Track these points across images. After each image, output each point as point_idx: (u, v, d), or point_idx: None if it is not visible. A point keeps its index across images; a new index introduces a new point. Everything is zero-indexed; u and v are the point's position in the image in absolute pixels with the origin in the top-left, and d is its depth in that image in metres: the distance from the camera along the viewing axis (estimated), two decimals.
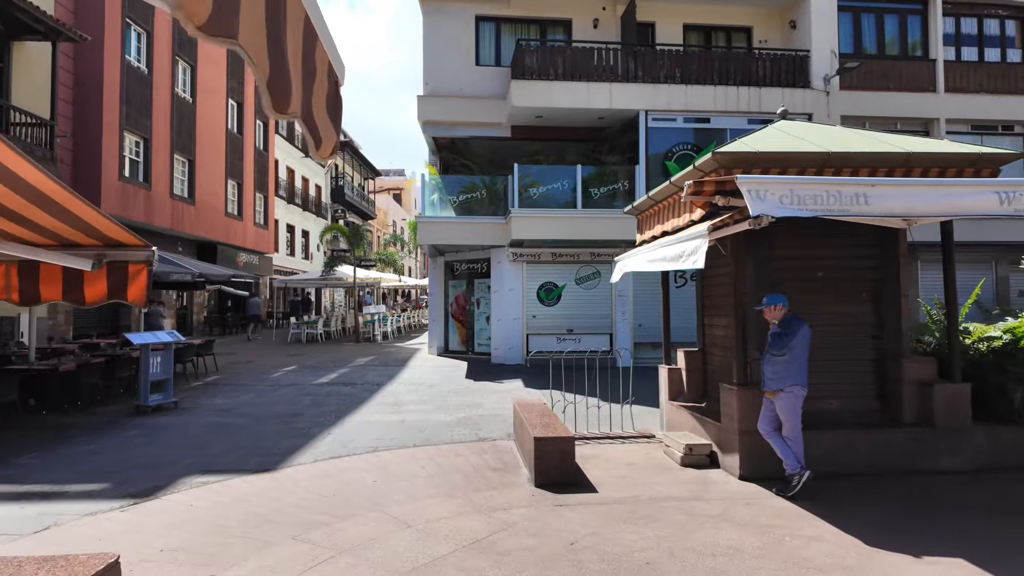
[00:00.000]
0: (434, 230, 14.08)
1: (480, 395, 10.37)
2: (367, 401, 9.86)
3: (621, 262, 6.99)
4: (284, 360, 15.43)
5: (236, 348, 18.52)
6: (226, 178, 22.22)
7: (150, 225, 17.41)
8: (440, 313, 16.10)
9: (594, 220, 13.29)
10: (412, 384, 11.58)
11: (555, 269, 14.39)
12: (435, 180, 14.81)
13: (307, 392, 10.76)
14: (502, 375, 12.68)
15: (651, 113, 13.70)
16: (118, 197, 15.84)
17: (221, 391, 10.91)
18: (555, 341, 14.30)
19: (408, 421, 8.31)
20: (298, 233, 32.61)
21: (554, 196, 13.59)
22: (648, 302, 14.44)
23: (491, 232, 14.17)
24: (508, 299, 14.25)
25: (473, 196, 14.46)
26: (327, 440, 7.25)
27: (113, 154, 15.71)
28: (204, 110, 20.47)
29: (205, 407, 9.49)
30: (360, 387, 11.25)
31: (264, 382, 11.99)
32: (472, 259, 15.46)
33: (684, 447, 5.59)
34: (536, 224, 13.19)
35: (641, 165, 13.55)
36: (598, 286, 14.43)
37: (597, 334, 14.34)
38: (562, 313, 14.33)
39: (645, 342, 14.45)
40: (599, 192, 13.62)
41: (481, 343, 15.32)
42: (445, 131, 14.51)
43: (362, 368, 13.83)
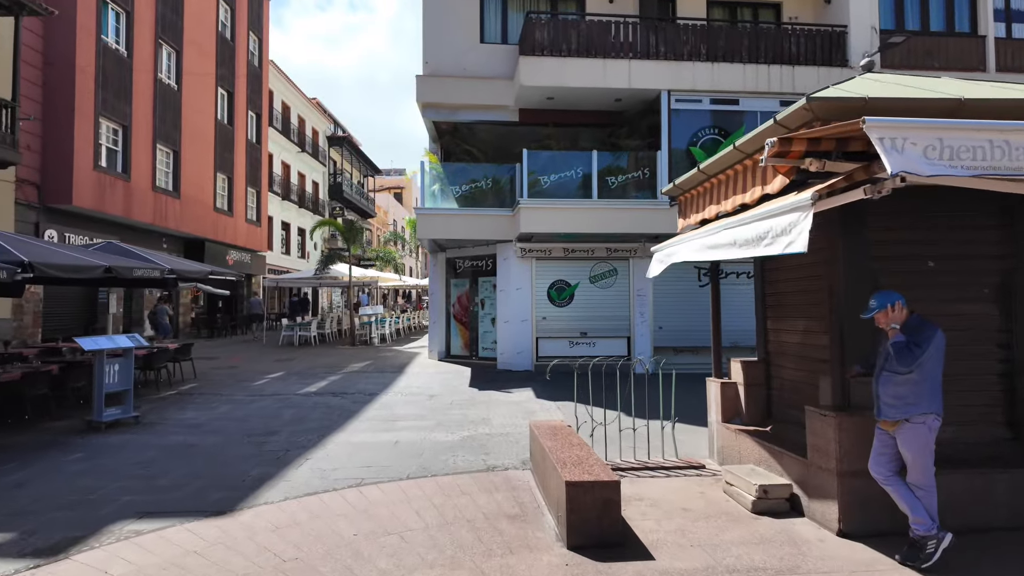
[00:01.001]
0: (435, 223, 12.81)
1: (486, 408, 9.10)
2: (357, 415, 8.59)
3: (663, 252, 5.73)
4: (270, 365, 14.17)
5: (223, 351, 17.27)
6: (215, 171, 20.99)
7: (129, 219, 16.18)
8: (441, 315, 14.84)
9: (611, 212, 12.03)
10: (409, 394, 10.31)
11: (567, 266, 13.12)
12: (436, 169, 13.55)
13: (290, 404, 9.50)
14: (510, 383, 11.41)
15: (674, 93, 12.42)
16: (92, 188, 14.60)
17: (194, 402, 9.65)
18: (567, 345, 13.05)
19: (403, 442, 7.04)
20: (293, 231, 31.37)
21: (567, 186, 12.32)
22: (669, 302, 13.17)
23: (497, 225, 12.91)
24: (515, 299, 12.98)
25: (477, 186, 13.19)
26: (304, 468, 5.98)
27: (87, 141, 14.48)
28: (191, 98, 19.24)
29: (171, 422, 8.22)
30: (350, 398, 9.98)
31: (244, 391, 10.73)
32: (476, 255, 14.19)
33: (757, 489, 4.31)
34: (547, 216, 11.92)
35: (663, 151, 12.28)
36: (614, 285, 13.16)
37: (613, 338, 13.09)
38: (575, 315, 13.06)
39: (666, 346, 13.18)
40: (617, 181, 12.34)
41: (486, 347, 14.05)
42: (447, 115, 13.25)
43: (355, 375, 12.56)
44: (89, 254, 9.06)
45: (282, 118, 29.23)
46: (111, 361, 8.07)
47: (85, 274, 8.05)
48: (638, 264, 13.07)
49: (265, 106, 25.65)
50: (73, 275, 7.99)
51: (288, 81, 29.79)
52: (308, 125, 33.18)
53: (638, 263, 13.07)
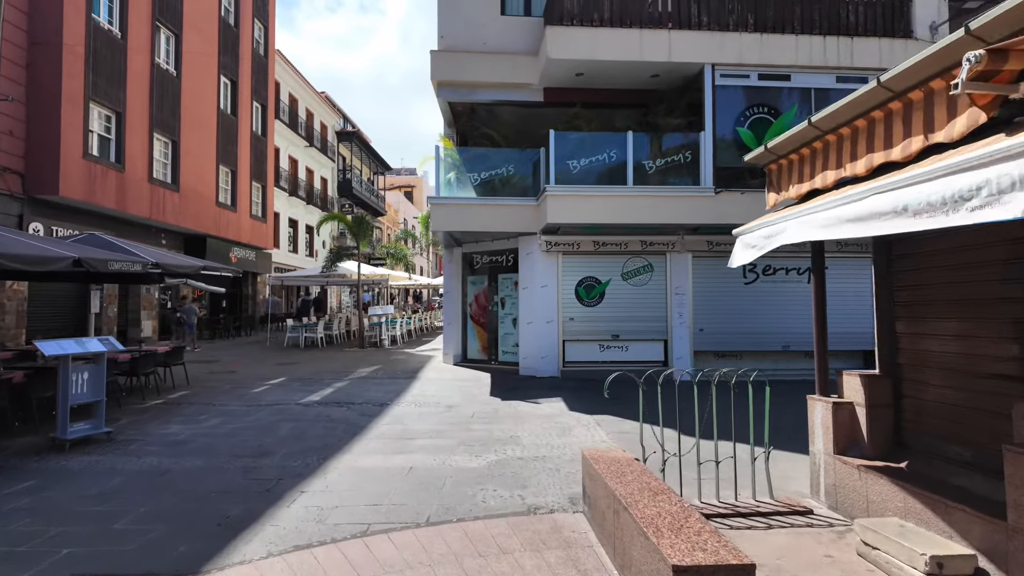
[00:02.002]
0: (451, 214, 11.60)
1: (513, 422, 7.86)
2: (364, 431, 7.38)
3: (759, 233, 4.45)
4: (272, 370, 13.02)
5: (224, 354, 16.17)
6: (217, 163, 19.93)
7: (123, 213, 15.11)
8: (457, 315, 13.62)
9: (648, 200, 10.74)
10: (424, 404, 9.09)
11: (597, 261, 11.85)
12: (451, 156, 12.34)
13: (289, 416, 8.32)
14: (536, 392, 10.17)
15: (719, 68, 11.12)
16: (81, 178, 13.53)
17: (181, 414, 8.50)
18: (597, 349, 11.78)
19: (419, 468, 5.82)
20: (301, 228, 30.32)
21: (598, 171, 11.06)
22: (711, 301, 11.87)
23: (519, 217, 11.68)
24: (540, 298, 11.73)
25: (498, 173, 11.96)
26: (297, 506, 4.78)
27: (76, 127, 13.41)
28: (191, 86, 18.18)
29: (149, 439, 7.06)
30: (357, 408, 8.78)
31: (240, 399, 9.57)
32: (495, 250, 12.96)
33: (927, 561, 3.03)
34: (576, 205, 10.67)
35: (707, 131, 10.98)
36: (649, 282, 11.87)
37: (648, 340, 11.80)
38: (606, 315, 11.79)
39: (707, 350, 11.90)
40: (654, 166, 11.06)
41: (506, 351, 12.81)
42: (464, 95, 12.03)
43: (363, 381, 11.37)
44: (61, 245, 7.94)
45: (289, 111, 28.19)
46: (79, 368, 6.93)
47: (49, 266, 6.90)
48: (676, 259, 11.79)
49: (271, 97, 24.59)
50: (35, 267, 6.85)
51: (296, 73, 28.75)
52: (316, 119, 32.14)
53: (676, 258, 11.79)
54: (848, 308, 12.08)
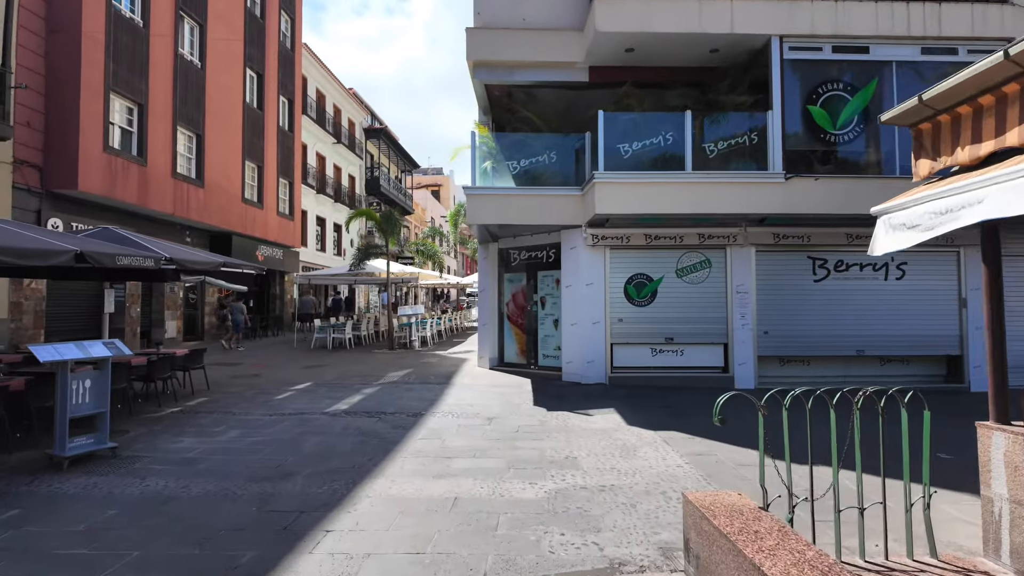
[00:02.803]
0: (487, 206, 10.65)
1: (565, 439, 6.87)
2: (397, 448, 6.47)
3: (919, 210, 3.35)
4: (299, 373, 12.26)
5: (248, 356, 15.52)
6: (243, 159, 19.37)
7: (145, 208, 14.55)
8: (493, 316, 12.67)
9: (709, 187, 9.64)
10: (462, 415, 8.15)
11: (649, 257, 10.77)
12: (488, 144, 11.38)
13: (315, 427, 7.47)
14: (584, 401, 9.15)
15: (788, 40, 9.94)
16: (101, 171, 12.98)
17: (196, 424, 7.72)
18: (648, 354, 10.70)
19: (464, 499, 4.87)
20: (329, 227, 29.79)
21: (652, 156, 9.98)
22: (777, 300, 10.70)
23: (562, 208, 10.68)
24: (585, 297, 10.71)
25: (538, 161, 10.97)
26: (320, 551, 3.87)
27: (96, 119, 12.86)
28: (216, 78, 17.61)
29: (157, 456, 6.26)
30: (389, 419, 7.89)
31: (262, 407, 8.77)
32: (535, 245, 11.97)
33: None
34: (628, 193, 9.62)
35: (775, 111, 9.81)
36: (707, 279, 10.74)
37: (706, 344, 10.68)
38: (658, 315, 10.70)
39: (771, 356, 10.74)
40: (716, 149, 9.93)
41: (547, 354, 11.81)
42: (502, 76, 11.06)
43: (394, 387, 10.50)
44: (66, 238, 7.22)
45: (316, 107, 27.64)
46: (80, 376, 6.16)
47: (48, 260, 6.15)
48: (738, 254, 10.64)
49: (298, 92, 24.03)
50: (32, 261, 6.11)
51: (323, 67, 28.20)
52: (344, 116, 31.59)
53: (737, 253, 10.64)
54: (925, 309, 10.82)
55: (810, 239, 10.64)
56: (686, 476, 5.49)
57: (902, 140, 10.01)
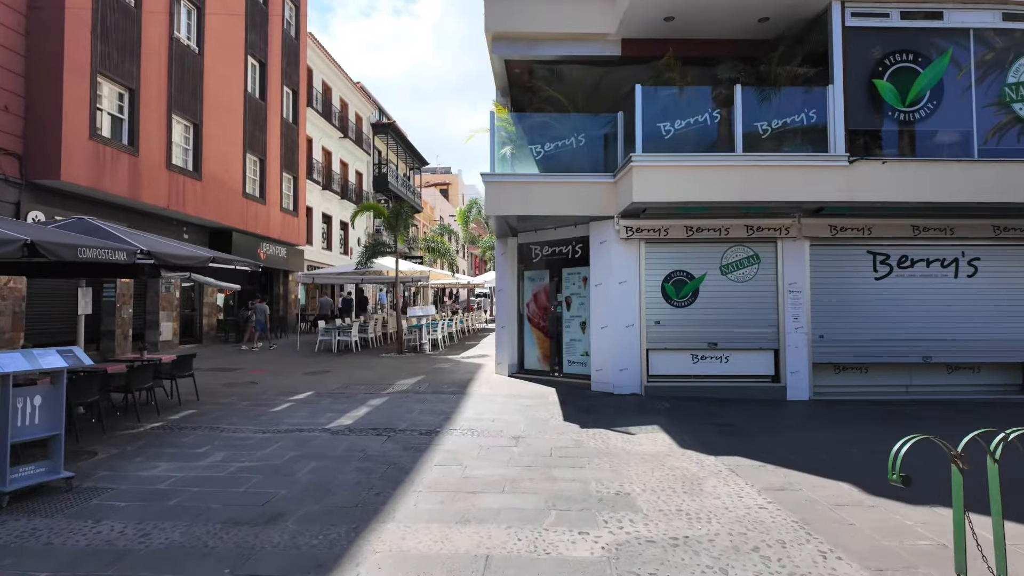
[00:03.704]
0: (508, 195, 9.53)
1: (610, 464, 5.75)
2: (410, 478, 5.37)
3: None
4: (298, 381, 11.19)
5: (248, 360, 14.48)
6: (244, 151, 18.36)
7: (137, 202, 13.55)
8: (511, 317, 11.54)
9: (762, 171, 8.47)
10: (483, 433, 7.04)
11: (690, 251, 9.61)
12: (507, 128, 10.25)
13: (313, 449, 6.38)
14: (620, 415, 8.02)
15: (849, 5, 8.76)
16: (87, 161, 11.97)
17: (177, 444, 6.64)
18: (689, 360, 9.55)
19: (498, 559, 3.75)
20: (335, 225, 28.78)
21: (695, 137, 8.82)
22: (834, 300, 9.54)
23: (592, 197, 9.55)
24: (617, 297, 9.57)
25: (564, 145, 9.84)
26: None
27: (81, 103, 11.86)
28: (215, 66, 16.60)
29: (122, 489, 5.19)
30: (399, 439, 6.78)
31: (255, 422, 7.70)
32: (559, 239, 10.84)
33: None
34: (669, 178, 8.47)
35: (836, 85, 8.63)
36: (755, 277, 9.57)
37: (754, 350, 9.51)
38: (700, 317, 9.54)
39: (828, 363, 9.55)
40: (769, 128, 8.76)
41: (573, 360, 10.67)
42: (524, 50, 9.93)
43: (404, 398, 9.40)
44: (21, 227, 6.16)
45: (322, 100, 26.64)
46: (27, 392, 5.10)
47: None
48: (790, 248, 9.47)
49: (303, 83, 23.02)
50: None
51: (329, 59, 27.19)
52: (351, 110, 30.58)
53: (790, 246, 9.47)
54: (1001, 310, 9.61)
55: (871, 231, 9.44)
56: (776, 523, 4.34)
57: (981, 119, 8.81)
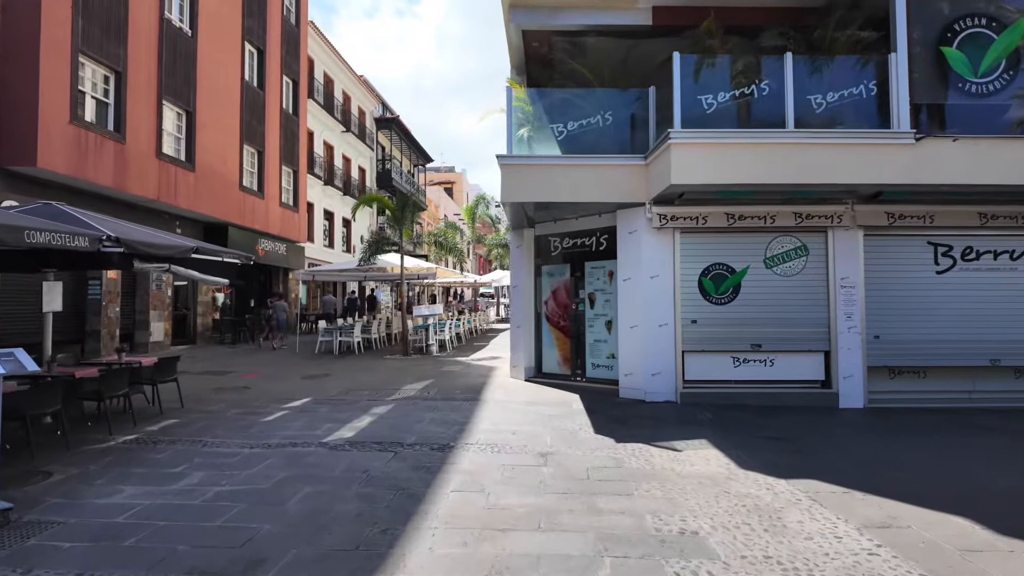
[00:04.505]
0: (527, 179, 8.57)
1: (662, 490, 4.77)
2: (423, 508, 4.42)
3: None
4: (297, 385, 10.23)
5: (243, 362, 13.53)
6: (241, 142, 17.44)
7: (124, 193, 12.64)
8: (528, 316, 10.57)
9: (817, 150, 7.48)
10: (504, 449, 6.07)
11: (731, 242, 8.63)
12: (524, 108, 9.28)
13: (308, 468, 5.43)
14: (659, 427, 7.05)
15: None
16: (68, 147, 11.05)
17: (148, 462, 5.70)
18: (730, 364, 8.56)
19: None
20: (337, 222, 27.85)
21: (740, 112, 7.84)
22: (890, 296, 8.56)
23: (620, 181, 8.58)
24: (648, 293, 8.59)
25: (590, 124, 8.87)
26: None
27: (60, 85, 10.94)
28: (209, 50, 15.69)
29: (72, 522, 4.24)
30: (408, 456, 5.82)
31: (243, 434, 6.75)
32: (582, 230, 9.87)
33: None
34: (713, 158, 7.49)
35: (899, 52, 7.64)
36: (803, 270, 8.59)
37: (801, 352, 8.53)
38: (742, 316, 8.55)
39: (883, 366, 8.54)
40: (824, 103, 7.77)
41: (598, 364, 9.68)
42: (544, 19, 8.97)
43: (412, 405, 8.43)
44: None
45: (324, 92, 25.72)
46: None
47: None
48: (842, 238, 8.49)
49: (304, 73, 22.10)
50: None
51: (331, 49, 26.27)
52: (354, 103, 29.67)
53: (842, 236, 8.49)
54: None
55: (932, 219, 8.44)
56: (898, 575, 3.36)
57: None
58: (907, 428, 7.23)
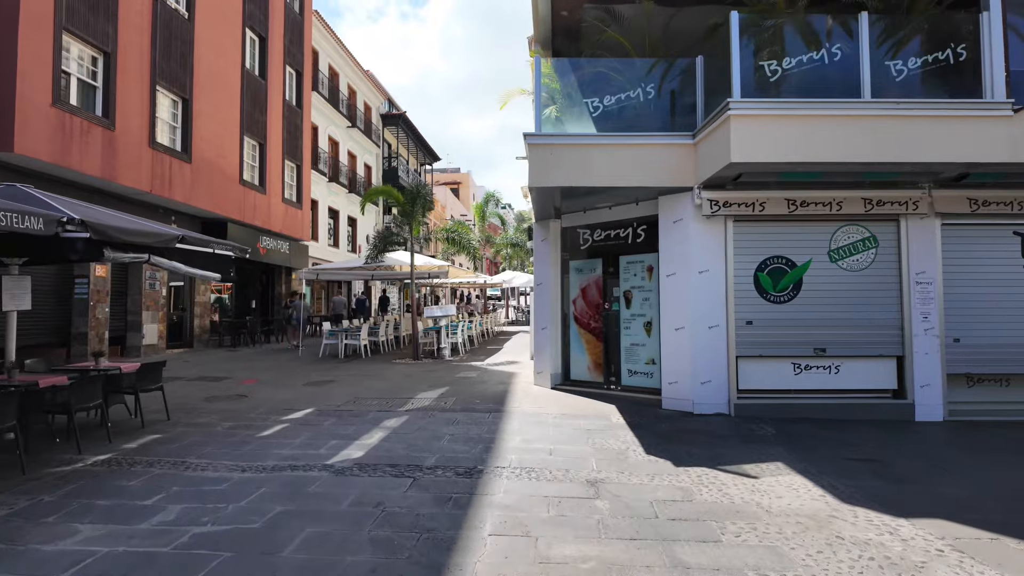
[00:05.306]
0: (560, 160, 7.56)
1: (754, 533, 3.75)
2: (453, 559, 3.43)
3: None
4: (297, 394, 9.24)
5: (243, 366, 12.54)
6: (241, 133, 16.50)
7: (113, 184, 11.69)
8: (554, 317, 9.55)
9: (898, 123, 6.45)
10: (544, 474, 5.05)
11: (791, 232, 7.60)
12: (552, 84, 8.28)
13: (308, 501, 4.43)
14: (719, 445, 6.03)
15: None
16: (49, 130, 10.12)
17: (116, 490, 4.71)
18: (790, 371, 7.52)
19: None
20: (343, 219, 26.91)
21: (807, 80, 6.81)
22: (973, 294, 7.48)
23: (663, 162, 7.57)
24: (697, 290, 7.57)
25: (628, 99, 7.86)
26: None
27: (42, 64, 10.01)
28: (208, 35, 14.77)
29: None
30: (430, 484, 4.80)
31: (234, 453, 5.76)
32: (616, 221, 8.85)
33: None
34: (780, 131, 6.47)
35: (993, 12, 6.60)
36: (872, 264, 7.55)
37: (871, 357, 7.49)
38: (804, 316, 7.51)
39: (962, 373, 7.48)
40: (905, 68, 6.74)
41: (635, 370, 8.65)
42: None
43: (428, 417, 7.42)
44: None
45: (329, 85, 24.81)
46: None
47: None
48: (918, 228, 7.45)
49: (308, 64, 21.18)
50: None
51: (336, 41, 25.36)
52: (360, 98, 28.75)
53: (917, 226, 7.45)
54: None
55: (1021, 206, 7.39)
56: None
57: None
58: (1003, 445, 6.20)
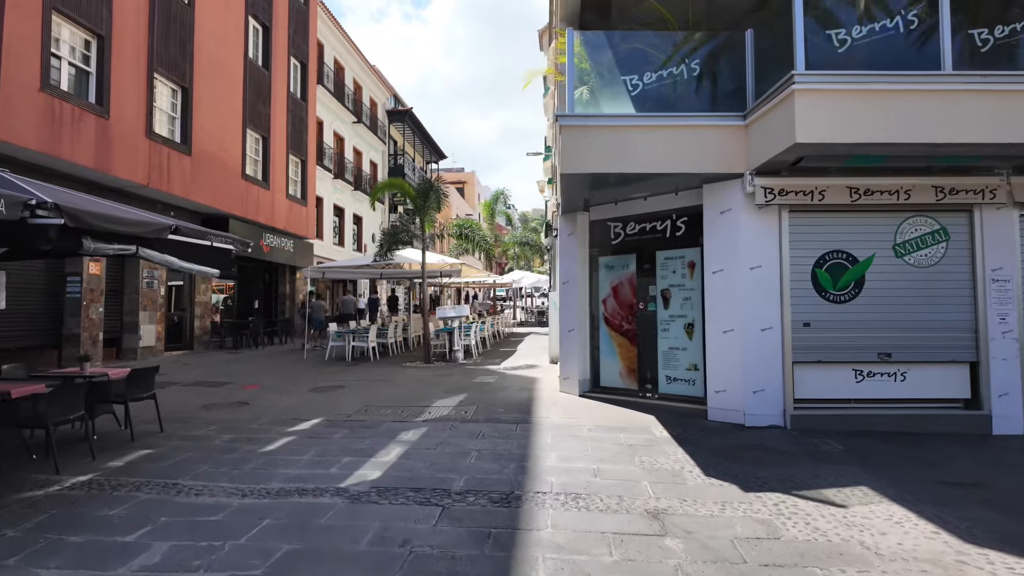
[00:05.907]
0: (596, 142, 6.82)
1: None
2: None
3: None
4: (305, 400, 8.52)
5: (245, 370, 11.82)
6: (244, 126, 15.81)
7: (107, 175, 11.00)
8: (582, 318, 8.80)
9: (980, 99, 5.68)
10: (594, 503, 4.30)
11: (852, 224, 6.85)
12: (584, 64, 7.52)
13: (320, 539, 3.70)
14: (786, 464, 5.28)
15: None
16: (37, 117, 9.43)
17: (92, 523, 3.99)
18: (851, 378, 6.76)
19: None
20: (348, 218, 26.20)
21: (880, 49, 6.04)
22: None
23: (711, 145, 6.82)
24: (748, 288, 6.81)
25: (671, 76, 7.11)
26: None
27: (29, 45, 9.33)
28: (209, 21, 14.08)
29: None
30: (462, 515, 4.06)
31: (233, 473, 5.04)
32: (651, 213, 8.10)
33: None
34: (852, 108, 5.71)
35: None
36: (942, 259, 6.78)
37: (940, 363, 6.73)
38: (866, 317, 6.75)
39: None
40: (991, 38, 5.98)
41: (675, 376, 7.89)
42: None
43: (449, 429, 6.68)
44: None
45: (334, 79, 24.11)
46: None
47: None
48: (992, 219, 6.69)
49: (313, 57, 20.49)
50: None
51: (343, 33, 24.67)
52: (365, 94, 28.06)
53: (992, 217, 6.69)
54: None
55: None
56: None
57: None
58: None
